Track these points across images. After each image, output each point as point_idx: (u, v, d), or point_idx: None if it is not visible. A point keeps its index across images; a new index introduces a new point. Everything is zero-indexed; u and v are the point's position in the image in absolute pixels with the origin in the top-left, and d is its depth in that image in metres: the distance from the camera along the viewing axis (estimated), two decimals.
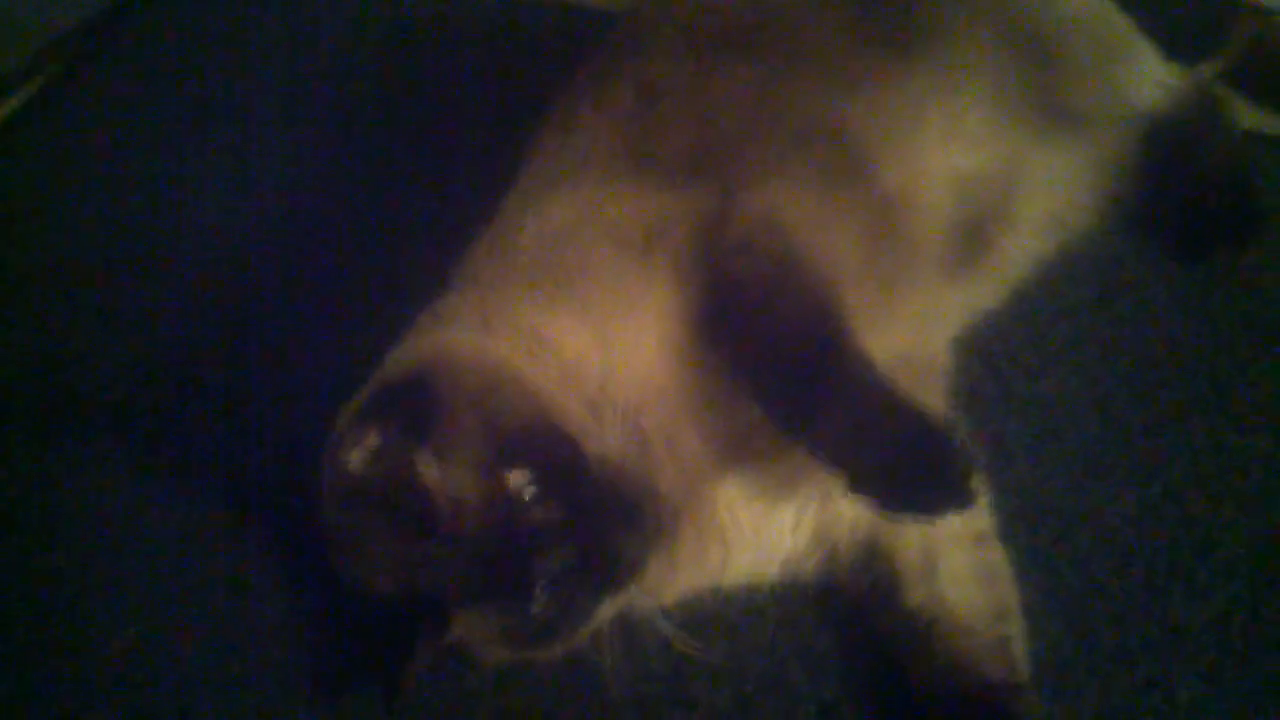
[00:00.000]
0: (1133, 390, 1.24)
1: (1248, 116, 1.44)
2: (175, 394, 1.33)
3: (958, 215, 1.16)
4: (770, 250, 0.99)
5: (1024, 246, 1.22)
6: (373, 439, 0.89)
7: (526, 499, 0.89)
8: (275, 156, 1.56)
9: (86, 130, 1.61)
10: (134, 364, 1.37)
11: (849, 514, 1.07)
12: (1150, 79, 1.33)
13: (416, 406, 0.90)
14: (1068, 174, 1.23)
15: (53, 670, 1.14)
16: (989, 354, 1.24)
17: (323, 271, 1.43)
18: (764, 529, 1.05)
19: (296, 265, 1.44)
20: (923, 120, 1.15)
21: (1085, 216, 1.27)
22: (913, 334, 1.11)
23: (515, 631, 0.91)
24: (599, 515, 0.90)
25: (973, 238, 1.16)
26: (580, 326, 0.98)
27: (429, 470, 0.88)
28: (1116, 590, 1.12)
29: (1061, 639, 1.10)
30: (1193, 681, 1.07)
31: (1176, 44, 1.36)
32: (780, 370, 0.93)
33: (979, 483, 0.90)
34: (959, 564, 1.07)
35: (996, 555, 1.09)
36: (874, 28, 1.18)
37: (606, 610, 0.95)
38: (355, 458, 0.89)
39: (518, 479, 0.89)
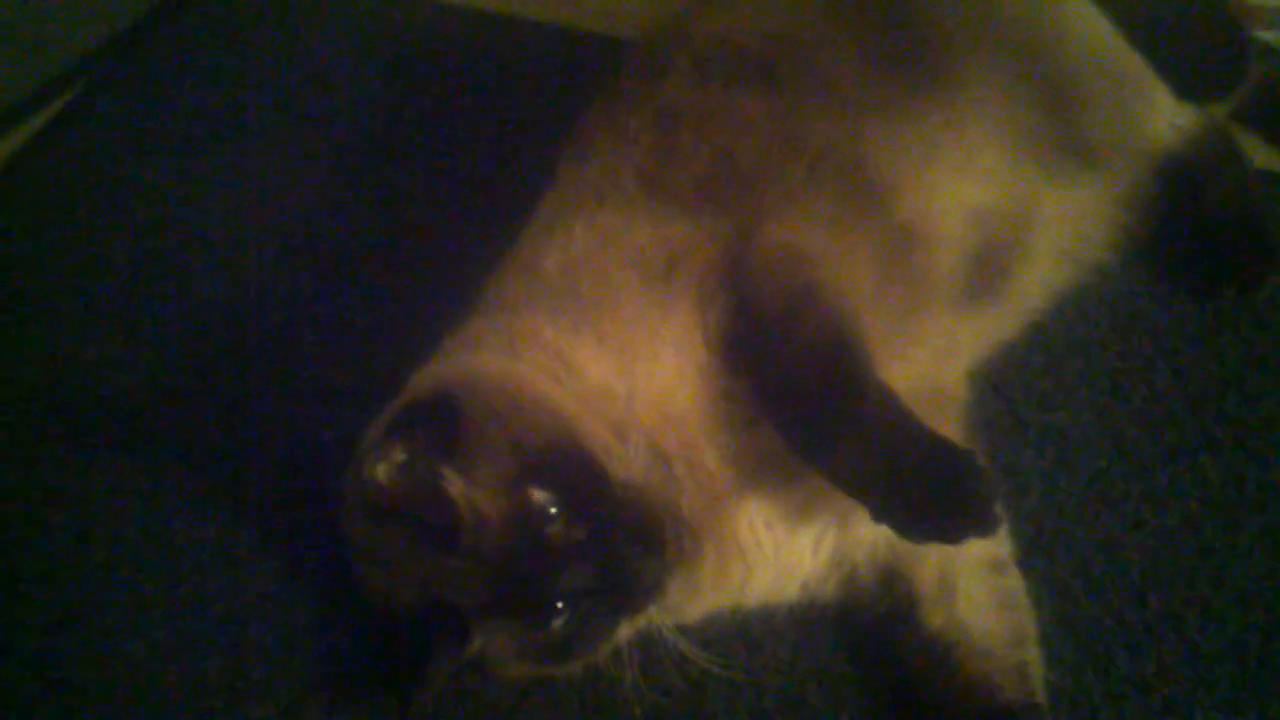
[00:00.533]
0: (1146, 422, 1.25)
1: (1260, 155, 1.46)
2: (192, 404, 1.36)
3: (972, 248, 1.17)
4: (790, 279, 1.01)
5: (1038, 279, 1.24)
6: (399, 453, 0.92)
7: (549, 518, 0.91)
8: (293, 175, 1.60)
9: (103, 150, 1.65)
10: (150, 373, 1.40)
11: (868, 536, 1.08)
12: (1164, 118, 1.36)
13: (443, 423, 0.93)
14: (1081, 209, 1.26)
15: (70, 674, 1.16)
16: (1004, 385, 1.26)
17: (344, 289, 1.46)
18: (784, 550, 1.07)
19: (315, 282, 1.47)
20: (937, 154, 1.17)
21: (1098, 251, 1.29)
22: (929, 364, 1.12)
23: (534, 647, 0.93)
24: (620, 536, 0.91)
25: (988, 270, 1.18)
26: (603, 351, 1.00)
27: (454, 486, 0.90)
28: (1133, 618, 1.13)
29: (1079, 666, 1.11)
30: (1210, 708, 1.07)
31: (1190, 84, 1.39)
32: (800, 398, 0.95)
33: (1001, 508, 0.91)
34: (977, 588, 1.08)
35: (1014, 581, 1.10)
36: (890, 60, 1.21)
37: (626, 629, 0.97)
38: (382, 471, 0.91)
39: (541, 498, 0.91)
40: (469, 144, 1.61)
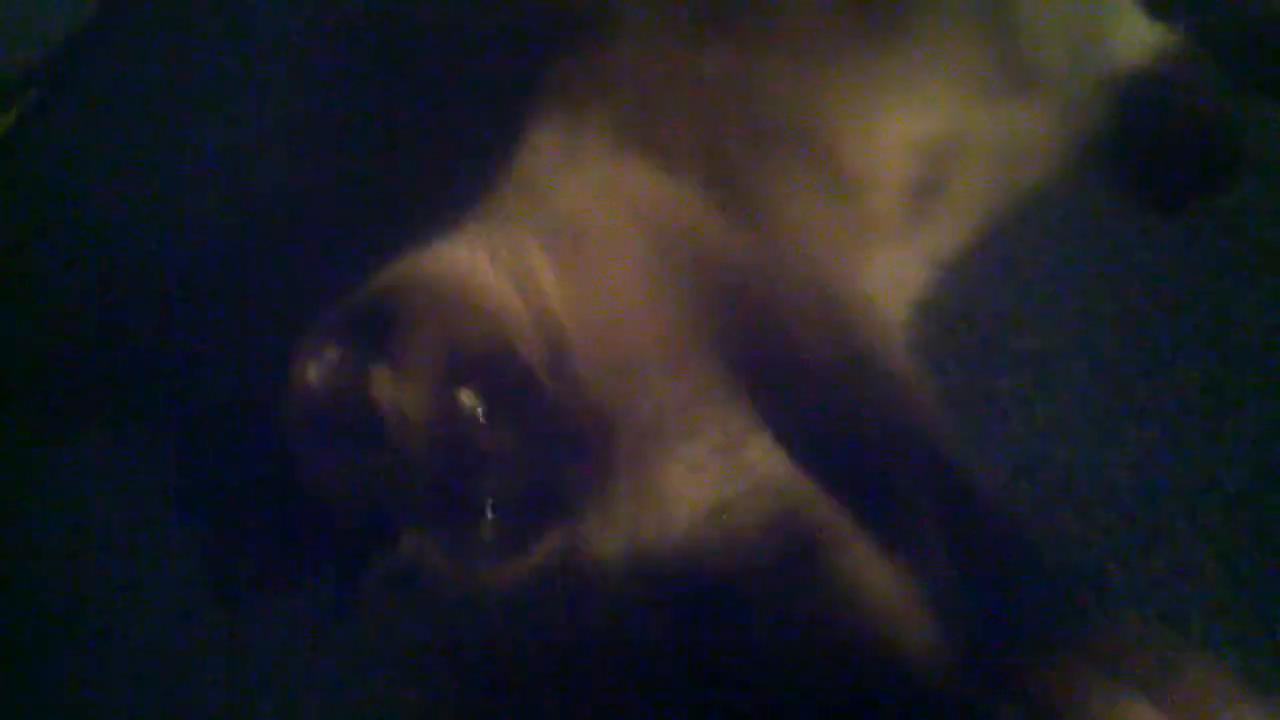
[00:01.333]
0: (1121, 339, 1.24)
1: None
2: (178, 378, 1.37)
3: (913, 179, 1.17)
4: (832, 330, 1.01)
5: (977, 197, 1.22)
6: (331, 352, 0.92)
7: (478, 422, 0.90)
8: (273, 136, 1.59)
9: (85, 132, 1.65)
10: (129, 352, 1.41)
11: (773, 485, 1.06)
12: (1128, 36, 1.34)
13: (376, 322, 0.92)
14: (1024, 127, 1.23)
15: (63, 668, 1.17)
16: (974, 314, 1.25)
17: (326, 237, 1.45)
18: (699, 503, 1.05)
19: (297, 238, 1.47)
20: (884, 94, 1.15)
21: (1043, 165, 1.27)
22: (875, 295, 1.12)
23: (462, 553, 0.93)
24: (549, 443, 0.91)
25: (927, 195, 1.18)
26: (571, 279, 1.00)
27: (381, 385, 0.90)
28: (1122, 535, 1.12)
29: (1072, 586, 1.10)
30: (1203, 615, 1.07)
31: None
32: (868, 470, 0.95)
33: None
34: None
35: None
36: (844, 3, 1.19)
37: (552, 539, 0.96)
38: (312, 370, 0.91)
39: (469, 401, 0.91)
40: (432, 108, 1.59)
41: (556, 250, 1.03)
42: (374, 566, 0.95)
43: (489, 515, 0.90)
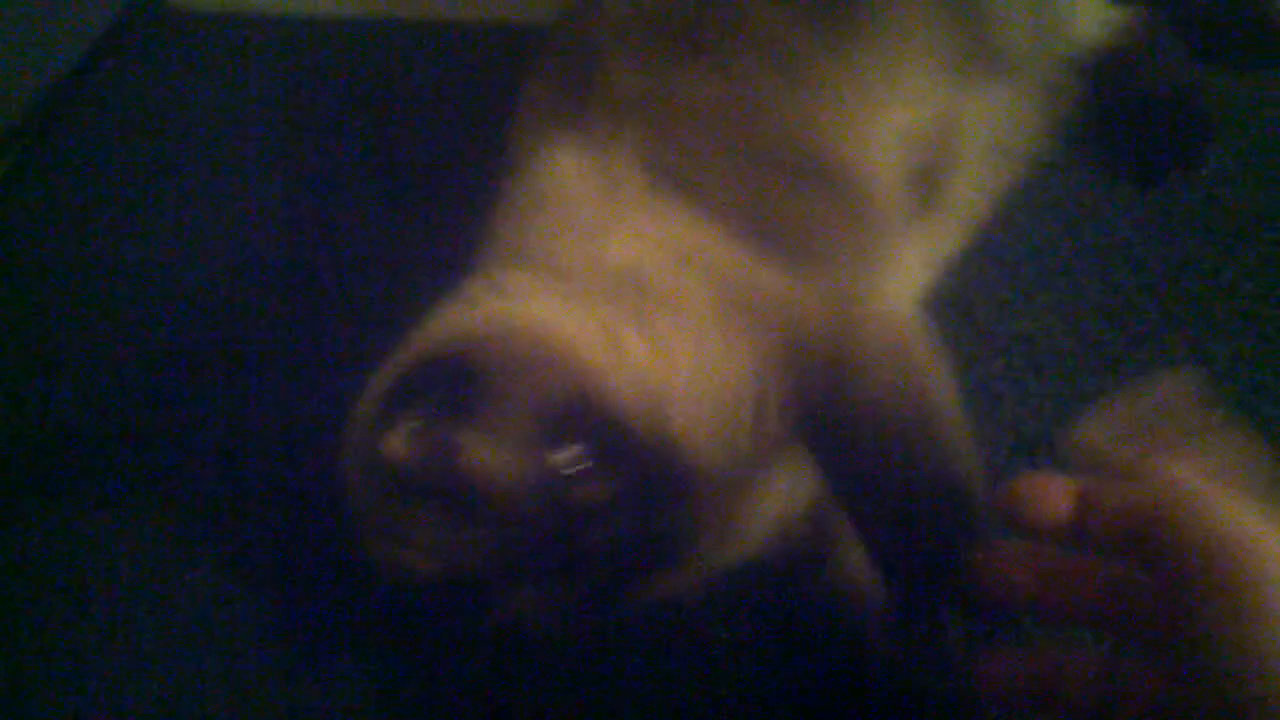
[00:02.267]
0: (1108, 315, 1.25)
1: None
2: (182, 416, 1.35)
3: (906, 169, 1.16)
4: (903, 375, 0.95)
5: (973, 183, 1.23)
6: (410, 419, 0.84)
7: (575, 478, 0.85)
8: (272, 170, 1.59)
9: (51, 200, 1.64)
10: (117, 406, 1.38)
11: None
12: (1089, 18, 1.35)
13: (459, 382, 0.86)
14: (1004, 112, 1.25)
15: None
16: (963, 300, 1.26)
17: (332, 267, 1.45)
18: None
19: (302, 266, 1.46)
20: (867, 93, 1.14)
21: (1029, 147, 1.29)
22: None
23: (563, 611, 0.89)
24: (649, 492, 0.86)
25: (922, 188, 1.18)
26: (636, 331, 0.94)
27: (472, 453, 0.83)
28: None
29: None
30: None
31: None
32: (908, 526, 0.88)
33: None
34: None
35: None
36: (817, 6, 1.16)
37: (656, 586, 0.93)
38: (392, 442, 0.84)
39: (566, 458, 0.85)
40: (416, 149, 1.60)
41: (622, 303, 0.95)
42: (470, 630, 0.91)
43: (591, 573, 0.85)
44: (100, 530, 1.27)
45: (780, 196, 1.06)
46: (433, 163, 1.55)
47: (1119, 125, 1.38)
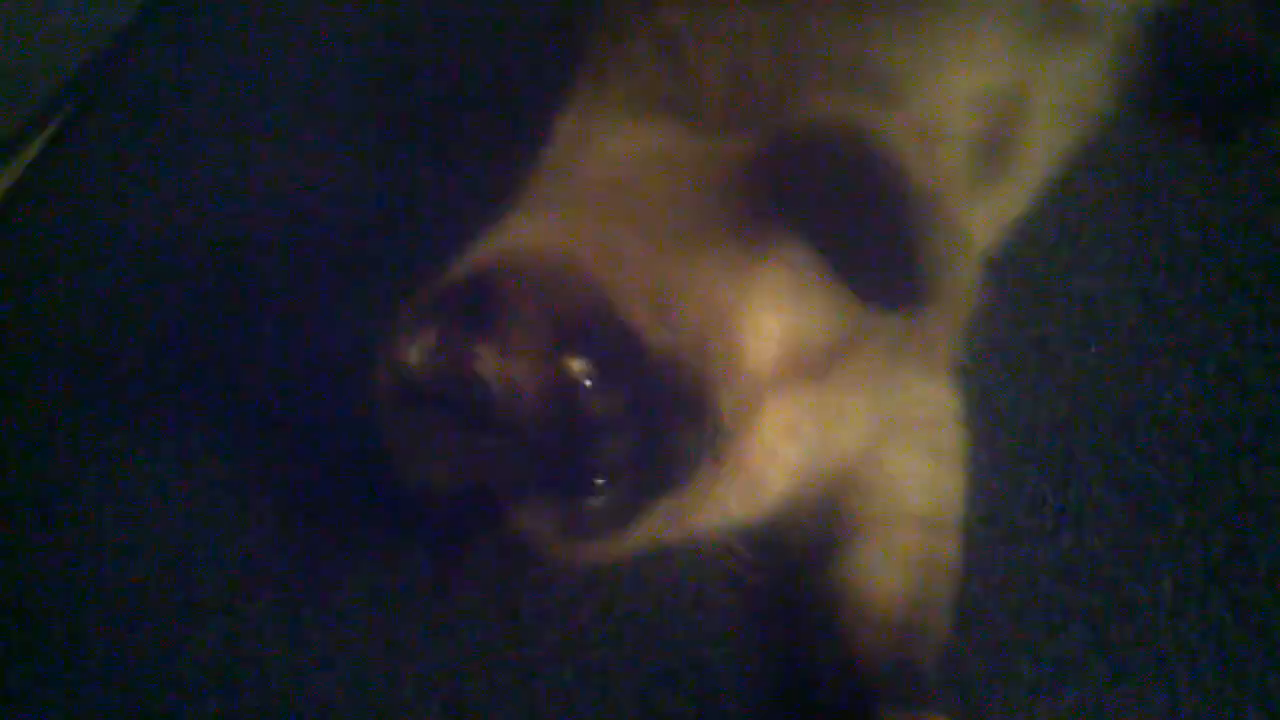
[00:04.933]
0: (1172, 275, 1.23)
1: None
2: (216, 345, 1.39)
3: (978, 134, 1.15)
4: (845, 136, 0.98)
5: (1043, 146, 1.20)
6: (431, 334, 0.89)
7: (586, 388, 0.88)
8: (298, 156, 1.58)
9: (111, 151, 1.65)
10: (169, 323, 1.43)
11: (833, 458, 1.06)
12: None
13: (476, 300, 0.90)
14: (1075, 73, 1.22)
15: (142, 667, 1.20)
16: (1023, 259, 1.23)
17: (372, 206, 1.47)
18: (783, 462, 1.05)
19: (344, 200, 1.48)
20: (942, 47, 1.13)
21: (1098, 107, 1.26)
22: None
23: (572, 525, 0.91)
24: (659, 406, 0.89)
25: (994, 150, 1.16)
26: (647, 243, 0.97)
27: (488, 362, 0.88)
28: (1184, 471, 1.13)
29: (1135, 525, 1.11)
30: (1271, 549, 1.07)
31: None
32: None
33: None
34: (901, 545, 1.07)
35: (948, 548, 1.08)
36: None
37: (663, 510, 0.95)
38: (414, 353, 0.89)
39: (578, 367, 0.88)
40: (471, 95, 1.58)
41: (606, 217, 1.00)
42: (478, 543, 0.95)
43: (600, 485, 0.89)
44: (129, 444, 1.32)
45: (798, 91, 1.07)
46: (460, 121, 1.55)
47: (1188, 82, 1.34)
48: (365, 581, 1.20)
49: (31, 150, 1.70)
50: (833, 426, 1.05)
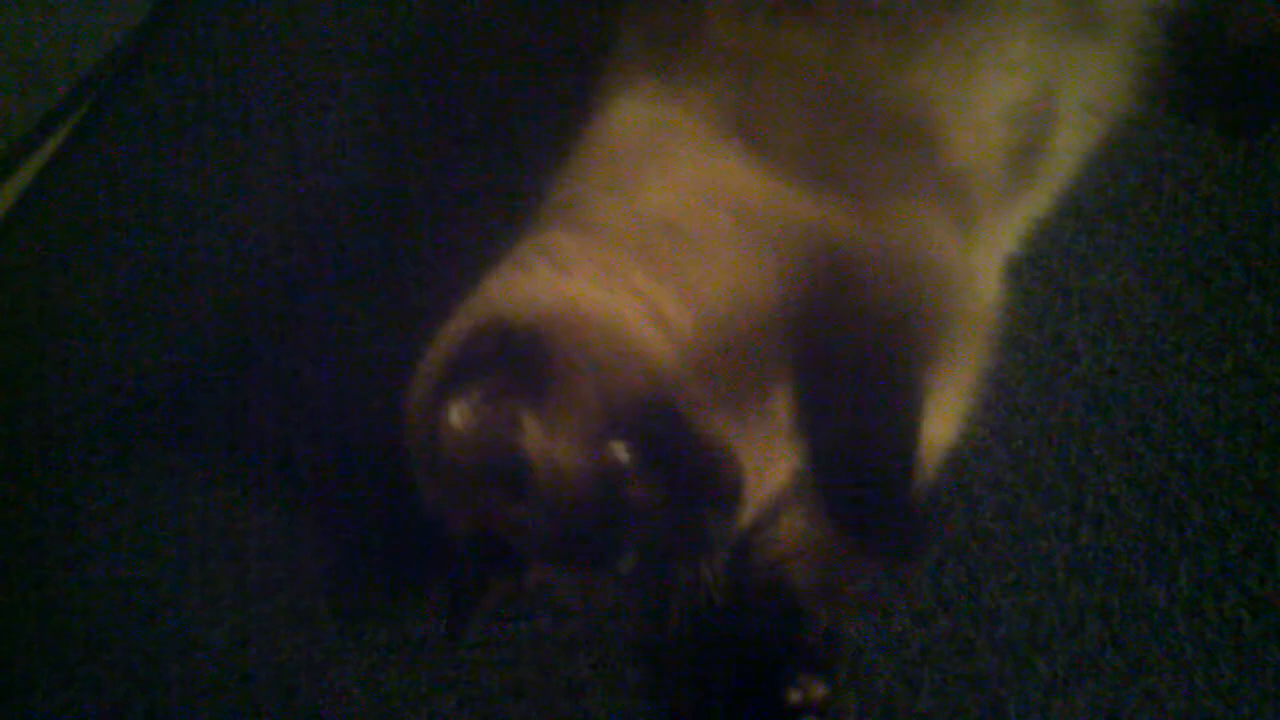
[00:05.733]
0: (1189, 271, 1.23)
1: None
2: (222, 393, 1.36)
3: (1011, 144, 1.12)
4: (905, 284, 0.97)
5: (1070, 150, 1.18)
6: (475, 392, 0.87)
7: (627, 473, 0.87)
8: (306, 154, 1.55)
9: (129, 152, 1.63)
10: (182, 368, 1.40)
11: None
12: None
13: (530, 363, 0.87)
14: (1100, 75, 1.21)
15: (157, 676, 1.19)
16: (1040, 256, 1.23)
17: (370, 268, 1.43)
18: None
19: (340, 263, 1.44)
20: (975, 64, 1.10)
21: (1123, 107, 1.25)
22: (974, 275, 1.08)
23: (589, 584, 0.94)
24: (695, 496, 0.88)
25: (1024, 158, 1.14)
26: (698, 312, 0.94)
27: (532, 437, 0.86)
28: (1200, 468, 1.12)
29: (1152, 523, 1.11)
30: None
31: None
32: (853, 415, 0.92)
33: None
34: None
35: None
36: None
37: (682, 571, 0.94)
38: (456, 413, 0.86)
39: (624, 456, 0.87)
40: (484, 98, 1.55)
41: (655, 261, 0.96)
42: (496, 593, 0.96)
43: (628, 562, 0.88)
44: (168, 487, 1.29)
45: (858, 150, 1.03)
46: (493, 114, 1.54)
47: (1210, 77, 1.33)
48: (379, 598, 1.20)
49: (45, 152, 1.70)
50: None
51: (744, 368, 0.94)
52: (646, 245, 0.97)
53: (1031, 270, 1.22)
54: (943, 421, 1.05)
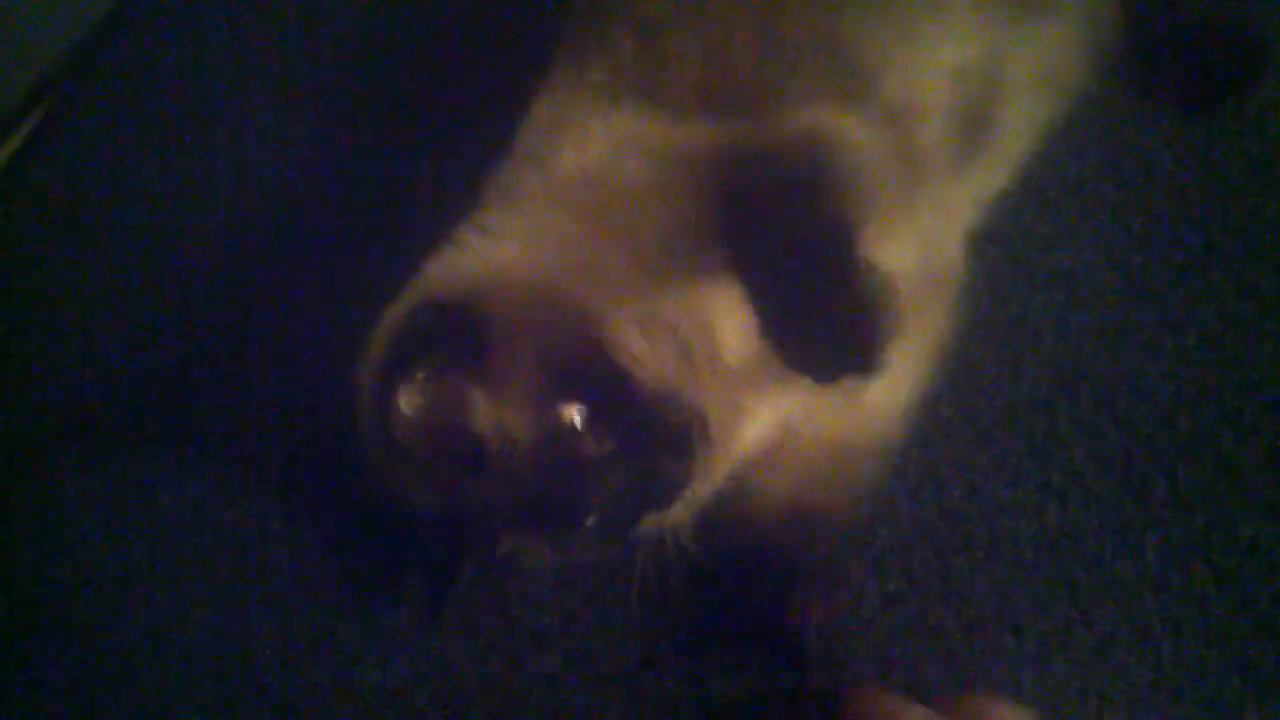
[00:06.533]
0: (1150, 249, 1.23)
1: None
2: (194, 369, 1.35)
3: (956, 110, 1.14)
4: (810, 159, 0.97)
5: (1022, 120, 1.20)
6: (420, 374, 0.88)
7: (579, 432, 0.88)
8: (279, 139, 1.55)
9: (89, 149, 1.60)
10: (155, 360, 1.38)
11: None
12: None
13: (467, 335, 0.89)
14: (1050, 46, 1.21)
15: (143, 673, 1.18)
16: (1002, 235, 1.23)
17: (343, 205, 1.44)
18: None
19: (313, 251, 1.43)
20: (916, 25, 1.12)
21: (1074, 78, 1.26)
22: (928, 239, 1.09)
23: (561, 545, 0.92)
24: (649, 443, 0.89)
25: (973, 126, 1.15)
26: (624, 247, 0.96)
27: (481, 410, 0.88)
28: (1165, 443, 1.13)
29: (1117, 499, 1.11)
30: (1252, 518, 1.08)
31: None
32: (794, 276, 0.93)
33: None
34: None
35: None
36: None
37: (646, 524, 0.95)
38: (404, 399, 0.88)
39: (571, 412, 0.88)
40: (453, 76, 1.54)
41: (580, 208, 0.99)
42: (465, 569, 0.96)
43: (591, 520, 0.88)
44: (139, 472, 1.28)
45: (765, 80, 1.06)
46: (442, 108, 1.53)
47: (1166, 52, 1.33)
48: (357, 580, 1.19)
49: (8, 147, 1.69)
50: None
51: (680, 297, 0.95)
52: (570, 198, 1.00)
53: (994, 250, 1.22)
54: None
